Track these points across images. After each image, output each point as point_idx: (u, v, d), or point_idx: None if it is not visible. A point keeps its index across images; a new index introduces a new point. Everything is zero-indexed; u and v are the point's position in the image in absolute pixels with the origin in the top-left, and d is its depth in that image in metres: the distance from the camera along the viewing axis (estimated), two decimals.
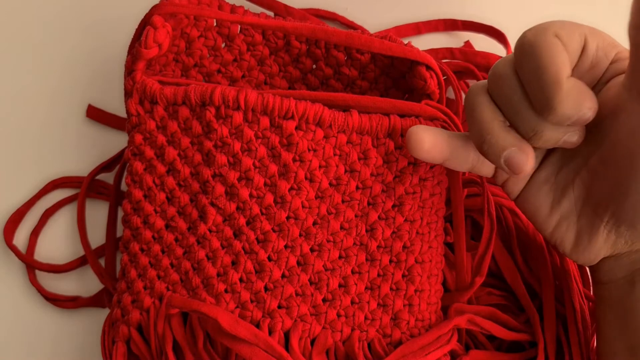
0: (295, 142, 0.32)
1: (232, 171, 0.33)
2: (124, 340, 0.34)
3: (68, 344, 0.41)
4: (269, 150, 0.33)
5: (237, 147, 0.33)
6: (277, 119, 0.32)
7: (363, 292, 0.34)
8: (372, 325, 0.33)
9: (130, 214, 0.35)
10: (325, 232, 0.33)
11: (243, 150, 0.33)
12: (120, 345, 0.34)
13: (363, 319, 0.33)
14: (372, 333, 0.33)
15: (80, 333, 0.41)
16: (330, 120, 0.32)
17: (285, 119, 0.32)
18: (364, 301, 0.33)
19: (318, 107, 0.32)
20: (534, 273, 0.39)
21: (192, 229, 0.34)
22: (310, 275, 0.33)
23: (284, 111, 0.32)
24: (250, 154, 0.33)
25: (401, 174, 0.33)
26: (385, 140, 0.33)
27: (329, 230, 0.33)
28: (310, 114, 0.32)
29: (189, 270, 0.34)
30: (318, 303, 0.33)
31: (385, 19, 0.44)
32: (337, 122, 0.32)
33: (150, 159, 0.34)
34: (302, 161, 0.33)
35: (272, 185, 0.33)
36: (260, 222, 0.33)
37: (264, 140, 0.33)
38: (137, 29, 0.35)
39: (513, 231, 0.39)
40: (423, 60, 0.35)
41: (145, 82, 0.34)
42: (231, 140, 0.33)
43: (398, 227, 0.33)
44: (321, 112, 0.32)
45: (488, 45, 0.43)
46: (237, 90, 0.32)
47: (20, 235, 0.42)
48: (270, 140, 0.32)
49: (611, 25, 0.45)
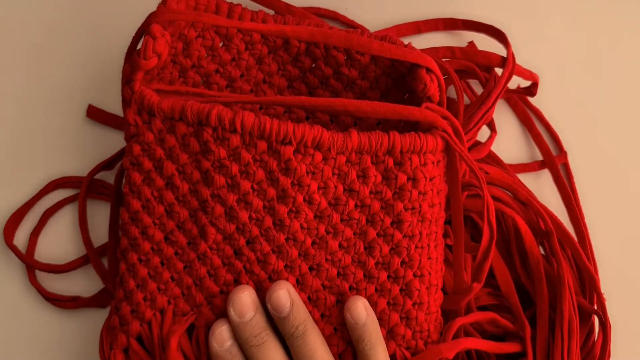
0: (293, 167, 0.32)
1: (230, 194, 0.33)
2: (121, 349, 0.34)
3: (68, 344, 0.41)
4: (267, 173, 0.33)
5: (235, 170, 0.32)
6: (275, 143, 0.32)
7: None
8: None
9: (128, 223, 0.35)
10: (324, 253, 0.33)
11: (241, 173, 0.33)
12: (118, 353, 0.34)
13: None
14: None
15: (80, 333, 0.41)
16: (329, 143, 0.32)
17: (283, 144, 0.32)
18: None
19: (317, 131, 0.32)
20: (531, 278, 0.39)
21: (192, 244, 0.34)
22: (308, 293, 0.34)
23: (282, 136, 0.32)
24: (249, 177, 0.33)
25: (400, 191, 0.33)
26: (385, 158, 0.33)
27: (328, 250, 0.33)
28: (309, 139, 0.32)
29: (191, 285, 0.34)
30: (316, 319, 0.34)
31: (386, 18, 0.44)
32: (336, 145, 0.32)
33: (148, 171, 0.34)
34: (301, 185, 0.33)
35: (270, 209, 0.33)
36: (260, 244, 0.33)
37: (262, 164, 0.33)
38: (135, 36, 0.34)
39: (512, 235, 0.39)
40: (423, 63, 0.35)
41: (143, 93, 0.33)
42: (229, 163, 0.33)
43: (397, 244, 0.34)
44: (320, 136, 0.32)
45: (488, 45, 0.42)
46: (233, 112, 0.32)
47: (21, 235, 0.42)
48: (268, 164, 0.32)
49: (611, 23, 0.45)
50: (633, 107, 0.45)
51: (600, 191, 0.44)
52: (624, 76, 0.45)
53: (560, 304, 0.37)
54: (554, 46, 0.45)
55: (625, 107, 0.45)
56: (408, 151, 0.33)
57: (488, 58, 0.41)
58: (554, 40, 0.45)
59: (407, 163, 0.33)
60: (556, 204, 0.43)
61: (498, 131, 0.42)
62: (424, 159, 0.33)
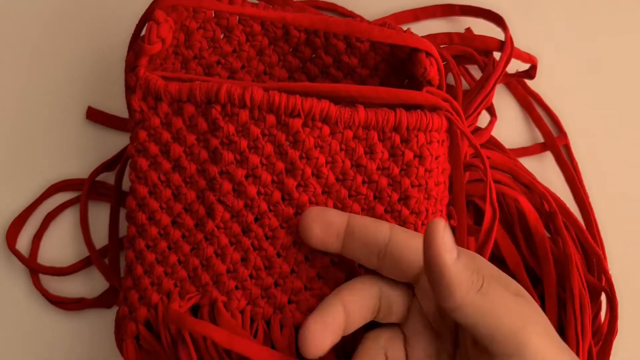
0: (301, 139, 0.33)
1: (239, 169, 0.33)
2: (132, 337, 0.34)
3: (75, 346, 0.41)
4: (275, 147, 0.33)
5: (244, 145, 0.33)
6: (284, 116, 0.33)
7: None
8: None
9: (135, 210, 0.35)
10: None
11: (250, 148, 0.33)
12: (129, 342, 0.34)
13: None
14: None
15: (86, 334, 0.41)
16: (337, 116, 0.33)
17: (291, 117, 0.33)
18: None
19: (324, 104, 0.33)
20: (537, 259, 0.39)
21: (199, 225, 0.34)
22: (317, 269, 0.34)
23: (290, 109, 0.32)
24: (257, 151, 0.33)
25: (407, 167, 0.34)
26: (392, 134, 0.33)
27: None
28: (316, 111, 0.32)
29: (197, 267, 0.34)
30: (325, 294, 0.33)
31: (384, 7, 0.44)
32: (343, 118, 0.33)
33: (155, 156, 0.34)
34: (309, 158, 0.33)
35: (279, 183, 0.33)
36: (268, 219, 0.33)
37: (271, 137, 0.33)
38: (138, 24, 0.35)
39: (516, 217, 0.39)
40: (422, 47, 0.35)
41: (149, 78, 0.34)
42: (238, 138, 0.33)
43: (404, 220, 0.34)
44: (327, 109, 0.32)
45: (487, 31, 0.42)
46: (243, 87, 0.32)
47: (23, 239, 0.41)
48: (277, 138, 0.33)
49: (610, 7, 0.45)
50: (632, 90, 0.45)
51: (601, 172, 0.44)
52: (623, 59, 0.45)
53: (570, 281, 0.37)
54: (551, 30, 0.45)
55: (624, 89, 0.45)
56: (414, 128, 0.33)
57: (486, 42, 0.41)
58: (551, 24, 0.45)
59: (413, 140, 0.33)
60: (560, 186, 0.43)
61: (498, 116, 0.42)
62: (429, 137, 0.34)
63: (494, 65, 0.40)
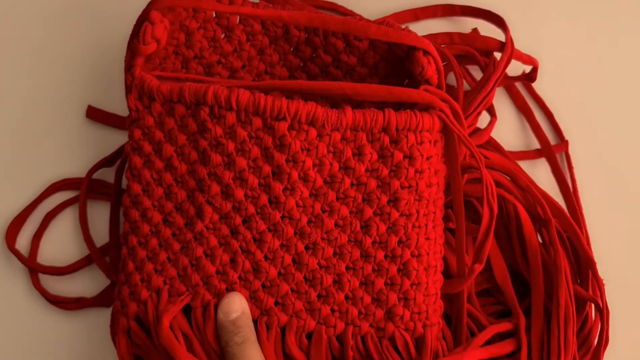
0: (287, 143, 0.33)
1: (226, 171, 0.33)
2: (124, 331, 0.34)
3: (74, 345, 0.41)
4: (262, 150, 0.33)
5: (231, 148, 0.33)
6: (270, 119, 0.32)
7: (357, 287, 0.34)
8: (366, 319, 0.34)
9: (129, 207, 0.35)
10: (320, 231, 0.34)
11: (237, 151, 0.33)
12: (122, 337, 0.34)
13: (357, 314, 0.34)
14: (365, 327, 0.34)
15: (85, 333, 0.41)
16: (324, 119, 0.32)
17: (277, 120, 0.32)
18: (357, 297, 0.34)
19: (311, 107, 0.32)
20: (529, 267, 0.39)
21: (189, 225, 0.34)
22: (305, 273, 0.34)
23: (276, 112, 0.32)
24: (244, 154, 0.33)
25: (396, 168, 0.33)
26: (380, 135, 0.33)
27: (324, 229, 0.34)
28: (302, 114, 0.32)
29: (187, 266, 0.34)
30: (312, 299, 0.34)
31: (384, 7, 0.44)
32: (330, 120, 0.33)
33: (148, 154, 0.35)
34: (295, 162, 0.33)
35: (266, 186, 0.33)
36: (255, 223, 0.33)
37: (257, 140, 0.33)
38: (136, 24, 0.35)
39: (513, 222, 0.39)
40: (420, 45, 0.35)
41: (143, 78, 0.34)
42: (225, 141, 0.33)
43: (393, 222, 0.34)
44: (314, 112, 0.32)
45: (487, 33, 0.42)
46: (229, 90, 0.32)
47: (23, 239, 0.42)
48: (264, 141, 0.33)
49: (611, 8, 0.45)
50: (632, 92, 0.45)
51: (598, 182, 0.44)
52: (624, 62, 0.45)
53: (557, 293, 0.36)
54: (553, 32, 0.45)
55: (624, 90, 0.45)
56: (404, 129, 0.33)
57: (486, 43, 0.41)
58: (553, 26, 0.45)
59: (403, 141, 0.33)
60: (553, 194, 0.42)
61: (498, 119, 0.41)
62: (420, 137, 0.33)
63: (495, 66, 0.40)
